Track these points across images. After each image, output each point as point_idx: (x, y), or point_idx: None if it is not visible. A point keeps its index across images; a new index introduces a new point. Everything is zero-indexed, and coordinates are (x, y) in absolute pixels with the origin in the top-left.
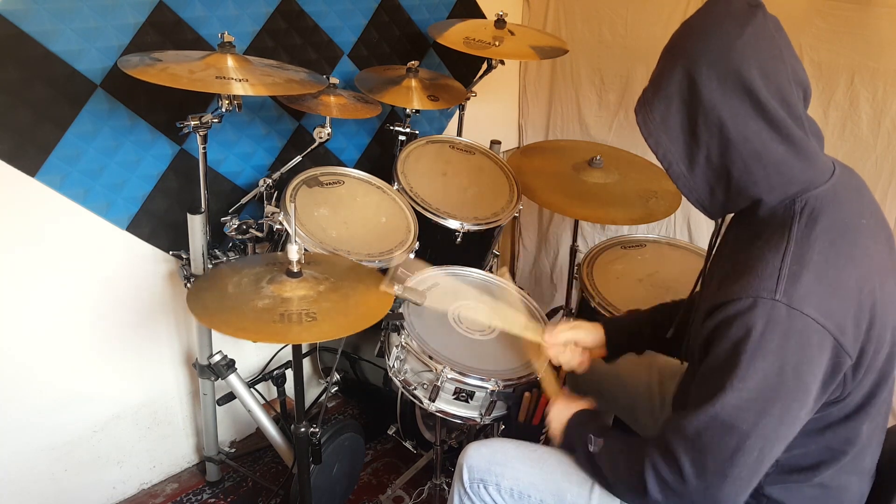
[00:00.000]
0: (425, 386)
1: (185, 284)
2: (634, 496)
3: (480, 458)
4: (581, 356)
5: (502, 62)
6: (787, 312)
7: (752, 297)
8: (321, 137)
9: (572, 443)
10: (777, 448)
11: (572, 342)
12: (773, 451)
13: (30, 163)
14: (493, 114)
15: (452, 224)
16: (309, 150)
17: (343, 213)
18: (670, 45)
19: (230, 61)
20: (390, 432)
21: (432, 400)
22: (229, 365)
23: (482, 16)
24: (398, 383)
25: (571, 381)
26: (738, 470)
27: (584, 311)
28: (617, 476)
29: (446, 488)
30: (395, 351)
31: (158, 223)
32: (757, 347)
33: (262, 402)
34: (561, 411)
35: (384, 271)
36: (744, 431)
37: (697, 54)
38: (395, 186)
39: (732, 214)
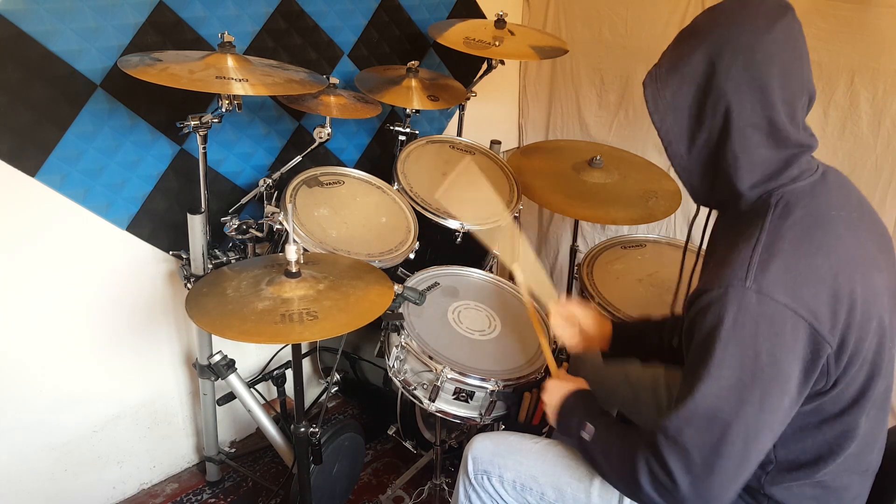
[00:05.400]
0: (425, 386)
1: (186, 284)
2: (627, 489)
3: (484, 450)
4: (577, 338)
5: (502, 62)
6: (757, 299)
7: (724, 287)
8: (321, 137)
9: (566, 428)
10: (763, 438)
11: (577, 322)
12: (758, 441)
13: (30, 163)
14: (493, 114)
15: (452, 224)
16: (309, 150)
17: (343, 213)
18: (695, 27)
19: (230, 61)
20: (390, 432)
21: (432, 400)
22: (229, 365)
23: (482, 16)
24: (398, 383)
25: (575, 374)
26: (724, 461)
27: None
28: (610, 467)
29: (446, 488)
30: (394, 351)
31: (158, 223)
32: (729, 335)
33: (262, 402)
34: (553, 393)
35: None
36: (724, 421)
37: (723, 40)
38: (395, 186)
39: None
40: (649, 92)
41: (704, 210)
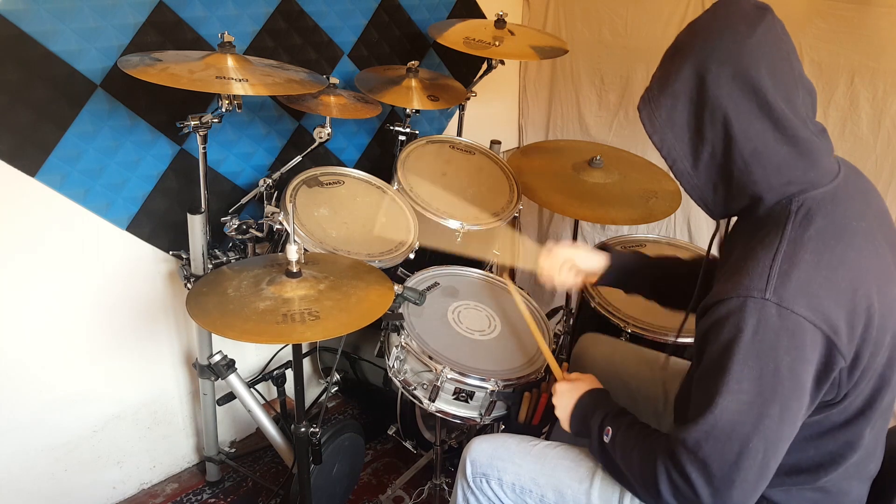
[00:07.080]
0: (425, 386)
1: (185, 284)
2: (646, 494)
3: (483, 453)
4: (577, 277)
5: (502, 62)
6: (777, 312)
7: (743, 297)
8: (321, 137)
9: (583, 430)
10: (781, 448)
11: (570, 262)
12: (777, 451)
13: (30, 163)
14: (493, 114)
15: (452, 224)
16: (309, 150)
17: (343, 213)
18: (677, 45)
19: (230, 61)
20: (390, 432)
21: (432, 400)
22: (229, 365)
23: (482, 16)
24: (398, 383)
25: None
26: (745, 473)
27: (585, 312)
28: (630, 470)
29: (446, 488)
30: (394, 351)
31: (158, 223)
32: (749, 348)
33: (262, 402)
34: (565, 396)
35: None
36: (745, 435)
37: (707, 52)
38: (395, 186)
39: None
40: (645, 114)
41: (724, 224)
